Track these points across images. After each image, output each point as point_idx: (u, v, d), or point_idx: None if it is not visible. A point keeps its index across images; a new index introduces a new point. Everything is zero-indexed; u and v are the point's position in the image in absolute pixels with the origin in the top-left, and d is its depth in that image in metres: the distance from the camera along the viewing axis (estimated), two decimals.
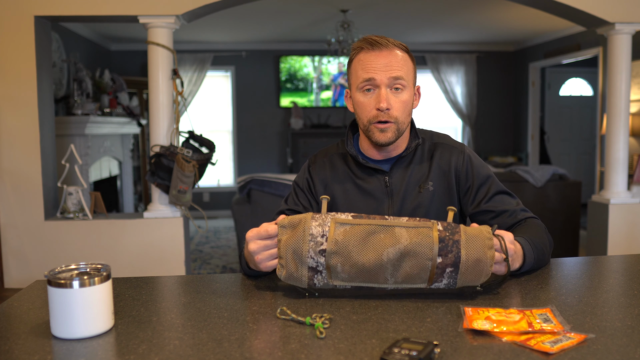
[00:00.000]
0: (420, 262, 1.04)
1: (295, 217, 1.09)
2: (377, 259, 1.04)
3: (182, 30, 5.69)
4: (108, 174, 5.44)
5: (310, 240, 1.05)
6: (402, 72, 1.30)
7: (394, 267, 1.05)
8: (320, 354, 0.83)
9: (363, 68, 1.31)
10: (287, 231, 1.09)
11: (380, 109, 1.30)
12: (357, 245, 1.05)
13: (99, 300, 0.92)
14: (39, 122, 3.43)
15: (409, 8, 5.26)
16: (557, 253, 4.16)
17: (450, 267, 1.04)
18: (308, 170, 1.46)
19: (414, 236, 1.04)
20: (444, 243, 1.04)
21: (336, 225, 1.07)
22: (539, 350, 0.83)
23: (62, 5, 3.39)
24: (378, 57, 1.30)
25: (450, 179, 1.40)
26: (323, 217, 1.08)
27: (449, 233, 1.05)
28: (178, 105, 3.51)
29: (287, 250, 1.07)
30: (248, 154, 7.20)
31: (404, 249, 1.04)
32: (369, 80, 1.30)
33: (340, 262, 1.05)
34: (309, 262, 1.06)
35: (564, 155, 7.48)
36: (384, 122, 1.31)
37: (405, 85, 1.32)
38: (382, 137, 1.33)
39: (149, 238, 3.51)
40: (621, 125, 3.72)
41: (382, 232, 1.06)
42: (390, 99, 1.31)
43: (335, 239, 1.05)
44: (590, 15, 3.61)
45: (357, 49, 1.34)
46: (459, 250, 1.03)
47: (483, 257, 1.04)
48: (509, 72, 7.50)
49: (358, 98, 1.34)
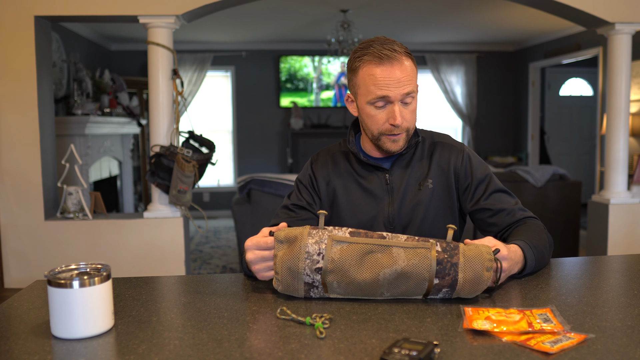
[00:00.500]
0: (417, 282, 1.04)
1: (292, 232, 1.09)
2: (373, 278, 1.04)
3: (182, 30, 5.69)
4: (108, 174, 5.44)
5: (307, 258, 1.06)
6: (412, 85, 1.31)
7: (390, 284, 1.05)
8: (320, 354, 0.83)
9: (375, 84, 1.29)
10: (284, 247, 1.09)
11: (395, 125, 1.31)
12: (353, 265, 1.05)
13: (99, 300, 0.92)
14: (39, 122, 3.43)
15: (409, 8, 5.26)
16: (557, 253, 4.16)
17: (446, 287, 1.04)
18: (311, 168, 1.48)
19: (412, 257, 1.04)
20: (441, 265, 1.03)
21: (333, 243, 1.07)
22: (539, 350, 0.83)
23: (62, 5, 3.39)
24: (390, 72, 1.28)
25: (449, 177, 1.41)
26: (320, 234, 1.08)
27: (447, 255, 1.04)
28: (178, 105, 3.51)
29: (283, 266, 1.07)
30: (248, 154, 7.20)
31: (400, 270, 1.04)
32: (382, 98, 1.30)
33: (336, 280, 1.06)
34: (305, 278, 1.06)
35: (564, 155, 7.48)
36: (397, 134, 1.33)
37: (414, 96, 1.33)
38: (395, 147, 1.35)
39: (149, 238, 3.51)
40: (621, 125, 3.72)
41: (379, 252, 1.06)
42: (403, 112, 1.32)
43: (331, 257, 1.05)
44: (590, 15, 3.61)
45: (365, 61, 1.30)
46: (456, 273, 1.03)
47: (480, 278, 1.04)
48: (509, 72, 7.50)
49: (368, 111, 1.33)
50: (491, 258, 1.05)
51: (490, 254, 1.05)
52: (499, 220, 1.38)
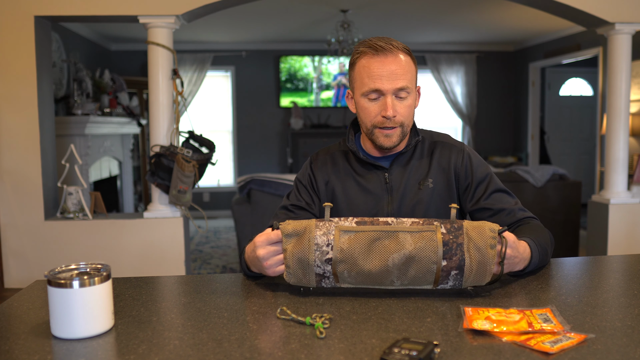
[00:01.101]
0: (425, 265, 1.05)
1: (299, 225, 1.10)
2: (382, 265, 1.06)
3: (182, 30, 5.69)
4: (108, 174, 5.44)
5: (316, 250, 1.07)
6: (406, 80, 1.31)
7: (400, 271, 1.06)
8: (320, 354, 0.83)
9: (369, 76, 1.31)
10: (292, 240, 1.10)
11: (387, 117, 1.31)
12: (362, 253, 1.06)
13: (99, 300, 0.92)
14: (39, 122, 3.43)
15: (409, 8, 5.26)
16: (557, 253, 4.16)
17: (455, 269, 1.05)
18: (310, 167, 1.48)
19: (418, 240, 1.06)
20: (448, 246, 1.05)
21: (341, 233, 1.08)
22: (539, 350, 0.83)
23: (62, 5, 3.39)
24: (383, 64, 1.30)
25: (449, 177, 1.41)
26: (327, 225, 1.09)
27: (452, 236, 1.05)
28: (178, 105, 3.51)
29: (293, 259, 1.08)
30: (248, 154, 7.19)
31: (408, 254, 1.05)
32: (375, 91, 1.31)
33: (347, 269, 1.07)
34: (316, 270, 1.08)
35: (564, 155, 7.48)
36: (390, 128, 1.33)
37: (409, 92, 1.33)
38: (387, 142, 1.35)
39: (149, 238, 3.51)
40: (621, 125, 3.72)
41: (386, 238, 1.07)
42: (396, 106, 1.32)
43: (340, 247, 1.07)
44: (590, 15, 3.61)
45: (361, 53, 1.33)
46: (462, 253, 1.04)
47: (485, 257, 1.05)
48: (509, 72, 7.50)
49: (362, 103, 1.35)
50: (494, 235, 1.05)
51: (494, 231, 1.06)
52: (499, 220, 1.38)
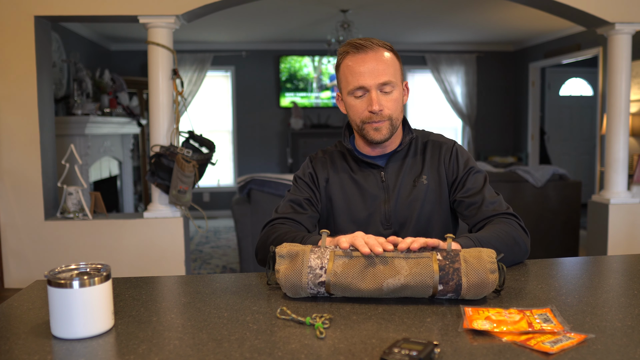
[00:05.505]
0: (421, 290, 1.04)
1: (293, 248, 1.10)
2: (377, 287, 1.05)
3: (182, 30, 5.69)
4: (108, 174, 5.44)
5: (309, 273, 1.07)
6: (389, 75, 1.34)
7: (395, 293, 1.06)
8: (320, 354, 0.83)
9: (352, 74, 1.35)
10: (285, 261, 1.10)
11: (373, 112, 1.34)
12: (356, 277, 1.05)
13: (99, 300, 0.92)
14: (39, 122, 3.43)
15: (409, 8, 5.26)
16: (557, 253, 4.16)
17: (451, 293, 1.04)
18: (311, 164, 1.51)
19: (414, 266, 1.04)
20: (444, 271, 1.03)
21: (335, 257, 1.07)
22: (539, 350, 0.83)
23: (62, 5, 3.39)
24: (364, 60, 1.33)
25: (441, 173, 1.44)
26: (322, 250, 1.09)
27: (449, 262, 1.04)
28: (178, 105, 3.51)
29: (287, 281, 1.08)
30: (248, 154, 7.19)
31: (404, 280, 1.04)
32: (360, 88, 1.35)
33: (340, 292, 1.07)
34: (309, 291, 1.08)
35: (564, 155, 7.48)
36: (378, 122, 1.36)
37: (394, 86, 1.36)
38: (377, 135, 1.37)
39: (149, 238, 3.50)
40: (621, 125, 3.71)
41: (381, 264, 1.06)
42: (382, 100, 1.35)
43: (334, 271, 1.06)
44: (590, 15, 3.61)
45: (343, 54, 1.38)
46: (459, 278, 1.03)
47: (485, 281, 1.03)
48: (509, 72, 7.50)
49: (349, 101, 1.39)
50: (493, 261, 1.05)
51: (492, 257, 1.05)
52: (471, 213, 1.40)
